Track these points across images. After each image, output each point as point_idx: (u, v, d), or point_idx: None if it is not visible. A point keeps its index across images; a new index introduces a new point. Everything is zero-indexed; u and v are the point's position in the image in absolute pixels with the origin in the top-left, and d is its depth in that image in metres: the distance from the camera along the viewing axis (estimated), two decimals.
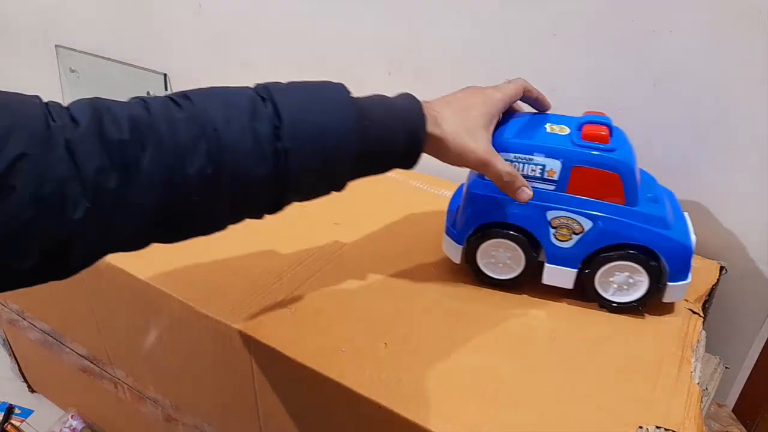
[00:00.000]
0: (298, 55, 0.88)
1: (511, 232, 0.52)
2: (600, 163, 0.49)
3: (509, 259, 0.54)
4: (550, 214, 0.51)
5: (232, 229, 0.42)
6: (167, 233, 0.39)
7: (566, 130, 0.52)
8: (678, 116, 0.62)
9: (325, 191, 0.44)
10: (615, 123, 0.65)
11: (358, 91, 0.45)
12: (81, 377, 0.83)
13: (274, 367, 0.51)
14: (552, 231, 0.51)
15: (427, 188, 0.73)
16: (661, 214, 0.50)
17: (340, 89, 0.42)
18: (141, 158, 0.34)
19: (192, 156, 0.36)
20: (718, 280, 0.58)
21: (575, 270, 0.52)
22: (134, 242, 0.38)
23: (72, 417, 0.95)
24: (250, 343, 0.51)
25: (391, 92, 0.46)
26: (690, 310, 0.54)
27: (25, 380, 1.04)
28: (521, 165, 0.50)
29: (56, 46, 1.19)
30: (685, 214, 0.55)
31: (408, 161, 0.46)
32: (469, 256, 0.55)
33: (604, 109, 0.65)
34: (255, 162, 0.37)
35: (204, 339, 0.55)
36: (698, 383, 0.47)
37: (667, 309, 0.54)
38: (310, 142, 0.39)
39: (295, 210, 0.44)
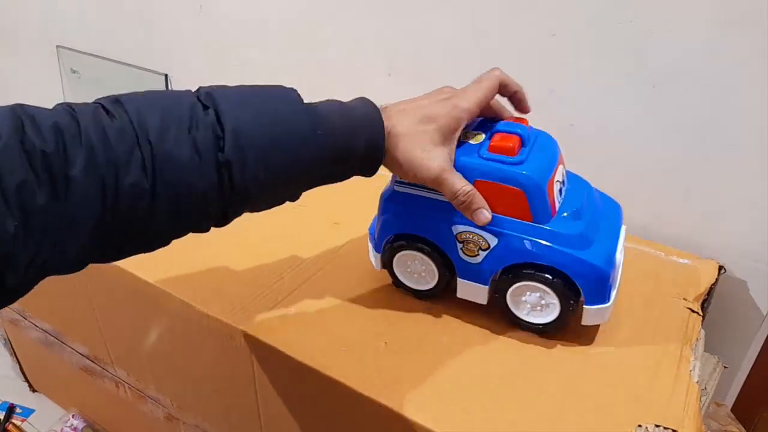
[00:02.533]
0: (298, 56, 0.88)
1: (421, 245, 0.50)
2: (502, 178, 0.45)
3: (424, 272, 0.52)
4: (456, 229, 0.48)
5: (233, 230, 0.42)
6: (106, 252, 0.37)
7: (480, 138, 0.48)
8: (677, 116, 0.62)
9: (279, 202, 0.42)
10: (615, 123, 0.66)
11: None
12: (82, 377, 0.83)
13: (275, 366, 0.52)
14: (459, 246, 0.49)
15: None
16: (575, 232, 0.46)
17: (292, 95, 0.40)
18: (69, 171, 0.32)
19: (126, 168, 0.33)
20: (716, 279, 0.59)
21: (486, 286, 0.50)
22: (71, 262, 0.35)
23: (73, 416, 0.95)
24: (251, 342, 0.51)
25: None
26: (689, 309, 0.54)
27: (27, 380, 1.04)
28: None
29: (57, 46, 1.20)
30: (623, 229, 0.51)
31: (367, 171, 0.44)
32: (387, 265, 0.54)
33: (603, 110, 0.66)
34: (195, 175, 0.35)
35: (205, 338, 0.55)
36: (697, 382, 0.47)
37: (666, 308, 0.54)
38: (257, 153, 0.37)
39: (295, 210, 0.44)
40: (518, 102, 0.49)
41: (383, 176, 0.51)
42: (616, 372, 0.48)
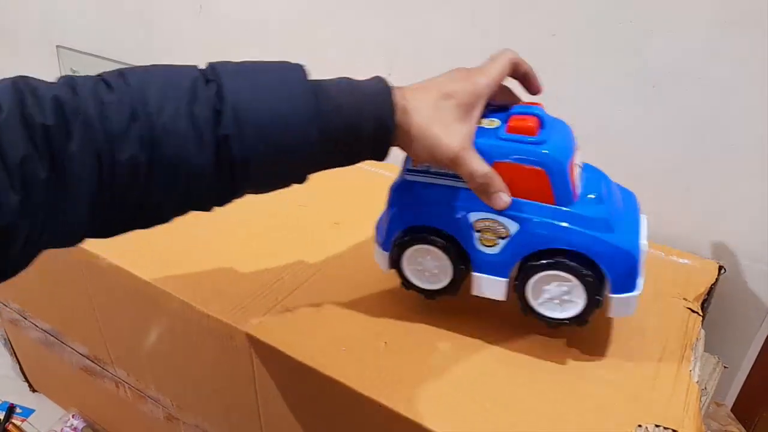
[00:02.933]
0: (298, 56, 0.87)
1: (434, 238, 0.47)
2: (523, 158, 0.43)
3: (436, 269, 0.49)
4: (473, 216, 0.45)
5: (233, 229, 0.42)
6: (105, 226, 0.36)
7: (495, 123, 0.45)
8: (677, 116, 0.62)
9: (284, 183, 0.41)
10: (615, 123, 0.66)
11: None
12: (82, 377, 0.83)
13: (275, 366, 0.52)
14: (476, 235, 0.46)
15: None
16: (600, 216, 0.44)
17: (297, 71, 0.39)
18: (68, 145, 0.32)
19: (123, 142, 0.33)
20: (717, 279, 0.59)
21: (505, 279, 0.47)
22: (70, 236, 0.35)
23: (73, 416, 0.95)
24: (250, 342, 0.51)
25: None
26: (689, 309, 0.54)
27: (27, 380, 1.05)
28: None
29: (57, 46, 1.20)
30: (643, 217, 0.49)
31: (377, 152, 0.42)
32: (396, 264, 0.50)
33: (603, 110, 0.66)
34: (193, 150, 0.35)
35: (205, 338, 0.55)
36: (697, 382, 0.47)
37: (666, 308, 0.54)
38: (256, 129, 0.36)
39: (295, 210, 0.44)
40: (530, 82, 0.47)
41: (386, 176, 0.51)
42: (616, 372, 0.48)
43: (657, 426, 0.43)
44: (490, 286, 0.48)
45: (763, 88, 0.56)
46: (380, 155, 0.42)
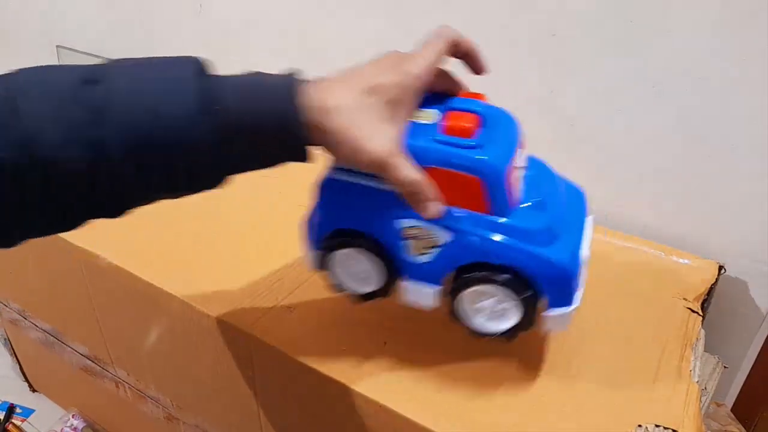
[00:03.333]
0: (298, 56, 0.88)
1: (361, 242, 0.44)
2: (457, 164, 0.39)
3: (364, 273, 0.45)
4: (402, 223, 0.42)
5: (233, 229, 0.42)
6: (5, 230, 0.35)
7: (431, 117, 0.41)
8: (678, 116, 0.62)
9: (193, 188, 0.37)
10: (615, 123, 0.66)
11: None
12: (82, 377, 0.83)
13: (275, 366, 0.52)
14: (405, 243, 0.42)
15: None
16: (538, 226, 0.40)
17: (189, 66, 0.35)
18: None
19: None
20: (717, 279, 0.59)
21: (436, 287, 0.44)
22: None
23: (73, 416, 0.95)
24: (250, 342, 0.51)
25: None
26: (689, 309, 0.54)
27: (27, 380, 1.05)
28: None
29: (57, 46, 1.20)
30: (589, 219, 0.46)
31: (293, 155, 0.37)
32: (324, 265, 0.47)
33: (603, 109, 0.66)
34: (66, 155, 0.32)
35: (205, 338, 0.55)
36: (697, 382, 0.47)
37: (666, 308, 0.54)
38: (133, 130, 0.33)
39: (295, 210, 0.44)
40: (473, 62, 0.42)
41: None
42: (616, 372, 0.48)
43: (657, 426, 0.43)
44: (420, 294, 0.45)
45: (763, 88, 0.56)
46: (298, 158, 0.37)
